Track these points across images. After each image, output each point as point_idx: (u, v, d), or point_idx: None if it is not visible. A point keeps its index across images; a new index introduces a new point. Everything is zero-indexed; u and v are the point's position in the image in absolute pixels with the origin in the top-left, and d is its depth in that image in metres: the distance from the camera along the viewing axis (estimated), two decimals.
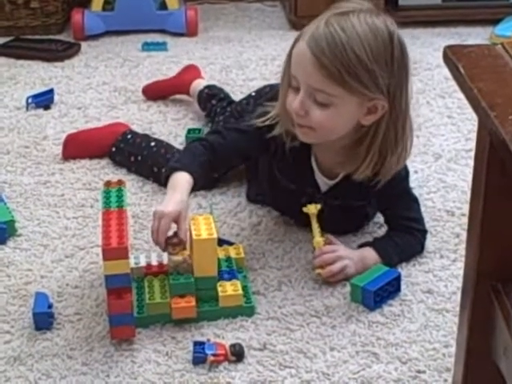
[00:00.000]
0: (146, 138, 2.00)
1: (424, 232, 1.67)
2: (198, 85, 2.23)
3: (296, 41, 1.51)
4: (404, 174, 1.63)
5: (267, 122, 1.59)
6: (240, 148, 1.64)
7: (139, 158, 1.94)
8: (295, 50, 1.50)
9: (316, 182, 1.65)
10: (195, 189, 1.53)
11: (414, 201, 1.67)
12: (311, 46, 1.45)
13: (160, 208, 1.47)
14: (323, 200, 1.64)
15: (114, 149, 1.98)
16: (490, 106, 0.91)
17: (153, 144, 1.96)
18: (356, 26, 1.44)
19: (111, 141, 1.99)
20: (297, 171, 1.64)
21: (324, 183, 1.65)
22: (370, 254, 1.60)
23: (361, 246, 1.64)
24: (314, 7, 2.73)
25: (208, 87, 2.20)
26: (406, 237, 1.63)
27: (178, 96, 2.31)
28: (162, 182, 1.56)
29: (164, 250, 1.48)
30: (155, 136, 2.06)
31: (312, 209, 1.63)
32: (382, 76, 1.45)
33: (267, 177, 1.70)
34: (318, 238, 1.60)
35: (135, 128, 2.09)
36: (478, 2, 2.87)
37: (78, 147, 2.02)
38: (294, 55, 1.50)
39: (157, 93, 2.33)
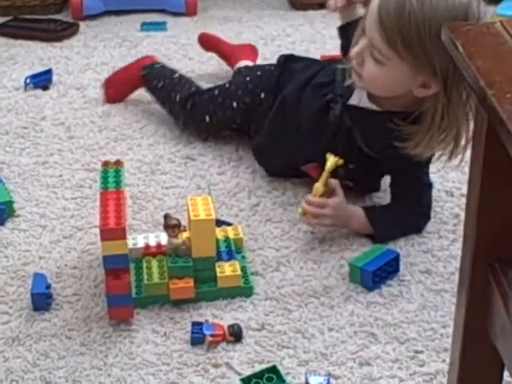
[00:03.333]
0: (172, 71, 2.10)
1: (427, 217, 1.66)
2: (242, 64, 2.16)
3: None
4: (427, 158, 1.61)
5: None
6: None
7: (162, 84, 2.04)
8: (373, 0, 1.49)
9: (351, 91, 1.64)
10: None
11: (428, 186, 1.68)
12: (381, 4, 1.44)
13: None
14: (339, 115, 1.64)
15: (143, 73, 2.10)
16: (488, 84, 0.89)
17: (176, 75, 2.06)
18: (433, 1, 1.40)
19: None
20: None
21: (359, 98, 1.64)
22: (359, 217, 1.61)
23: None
24: None
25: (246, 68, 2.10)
26: (407, 216, 1.63)
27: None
28: None
29: None
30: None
31: (332, 159, 1.61)
32: (439, 59, 1.41)
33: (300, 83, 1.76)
34: (318, 184, 1.60)
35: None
36: None
37: (118, 87, 2.14)
38: (371, 5, 1.49)
39: (213, 47, 2.35)
